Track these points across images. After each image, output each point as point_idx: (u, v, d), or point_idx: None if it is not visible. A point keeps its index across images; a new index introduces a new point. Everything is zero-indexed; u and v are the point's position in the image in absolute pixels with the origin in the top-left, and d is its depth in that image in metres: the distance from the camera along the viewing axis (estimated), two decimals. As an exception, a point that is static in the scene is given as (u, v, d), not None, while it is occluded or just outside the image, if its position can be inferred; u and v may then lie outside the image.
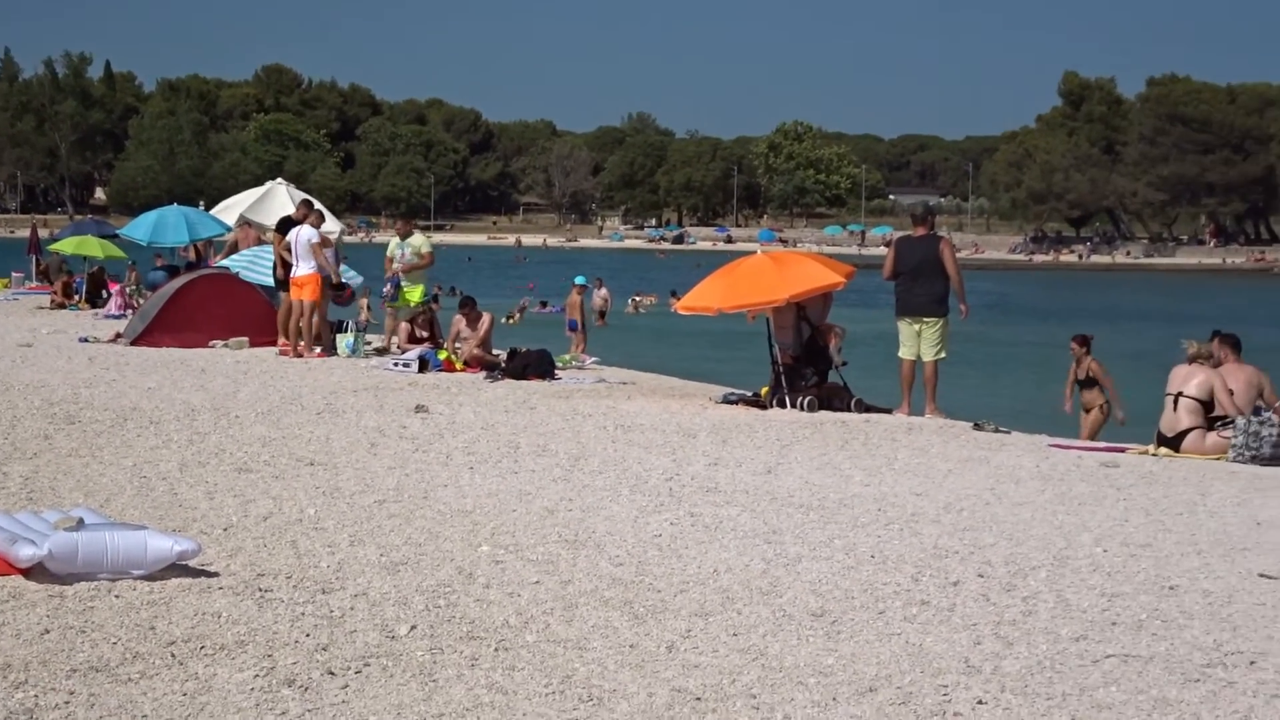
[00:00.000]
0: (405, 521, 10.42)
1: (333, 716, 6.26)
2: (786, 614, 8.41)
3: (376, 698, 6.55)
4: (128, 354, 23.22)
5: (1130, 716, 6.77)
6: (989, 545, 10.31)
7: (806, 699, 6.78)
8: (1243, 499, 12.56)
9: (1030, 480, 13.51)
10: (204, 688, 6.50)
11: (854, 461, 14.31)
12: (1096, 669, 7.47)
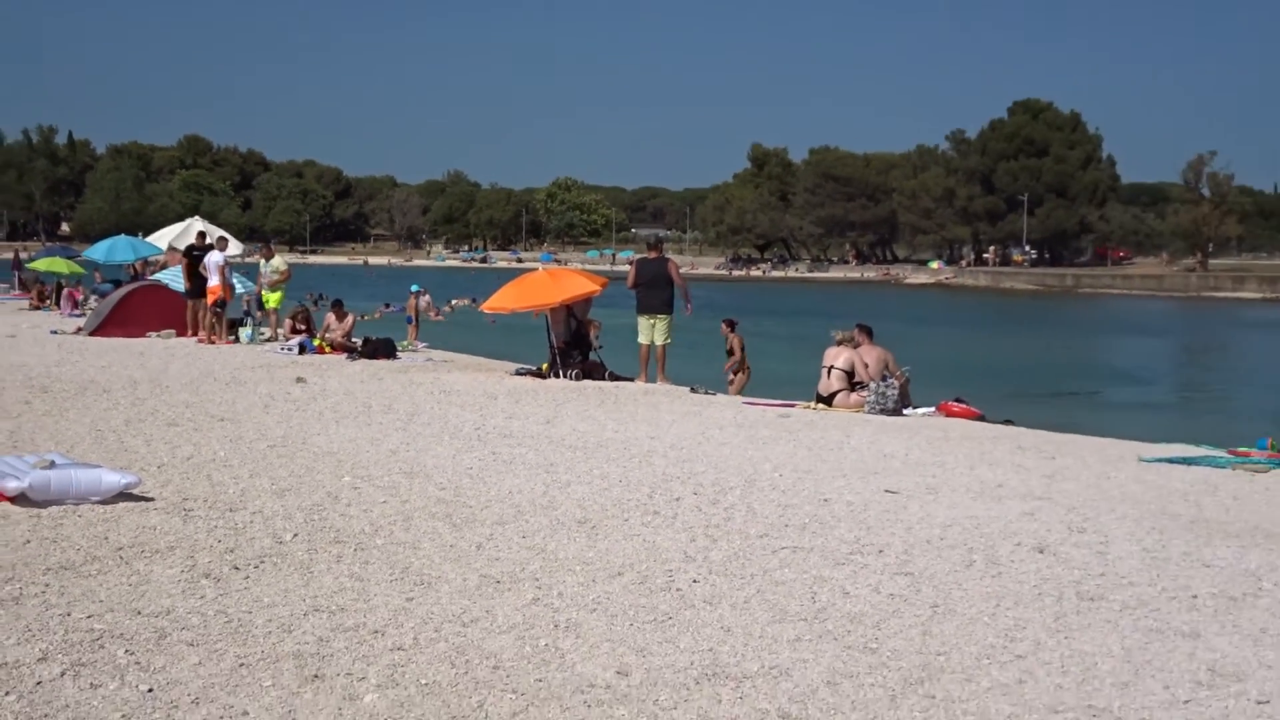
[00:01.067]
0: (289, 460, 10.77)
1: (237, 600, 6.80)
2: (560, 522, 9.12)
3: (270, 585, 7.15)
4: (87, 343, 24.29)
5: (798, 589, 7.44)
6: (700, 473, 10.82)
7: (574, 580, 7.45)
8: (874, 439, 13.46)
9: (729, 427, 14.18)
10: (144, 580, 7.14)
11: (607, 415, 14.89)
12: (775, 557, 8.17)
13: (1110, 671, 5.94)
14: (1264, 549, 8.77)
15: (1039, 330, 66.10)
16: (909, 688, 5.66)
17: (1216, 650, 6.32)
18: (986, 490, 10.84)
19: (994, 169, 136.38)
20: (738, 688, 5.58)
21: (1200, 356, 55.07)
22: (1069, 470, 12.24)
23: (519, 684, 5.54)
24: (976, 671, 5.90)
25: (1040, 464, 12.66)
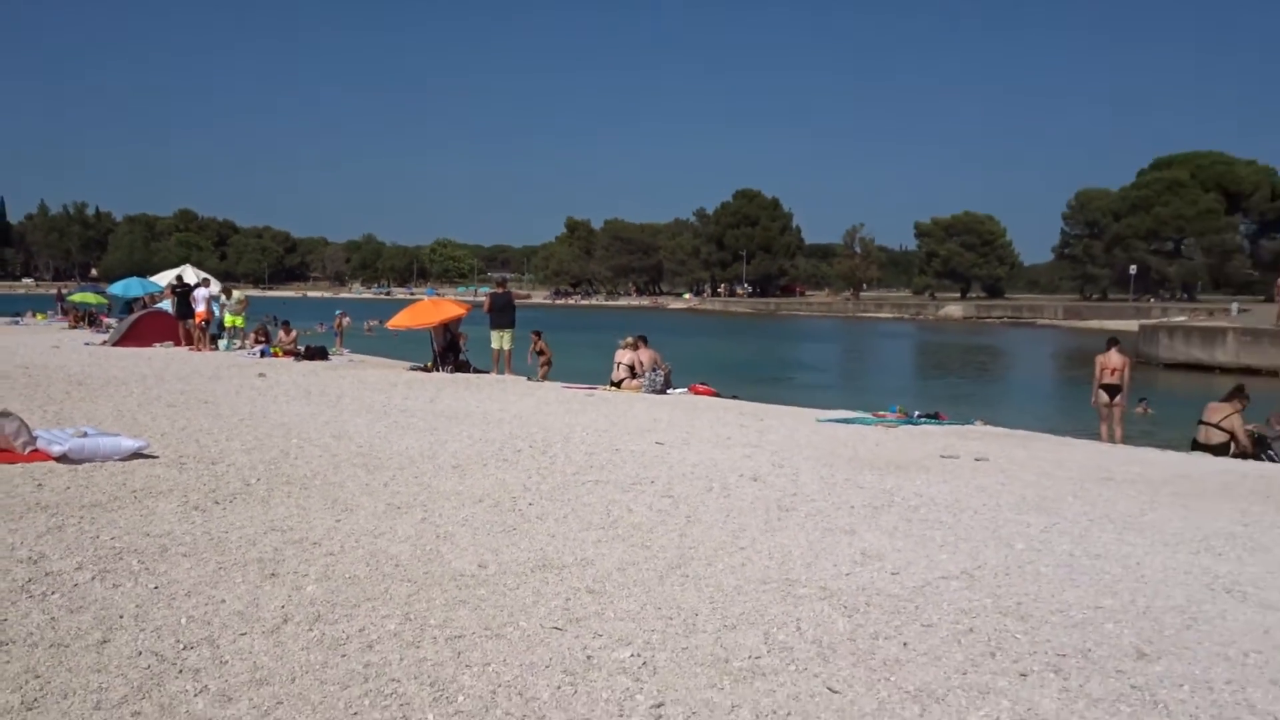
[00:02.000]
0: (254, 429, 10.59)
1: (217, 524, 6.65)
2: (440, 467, 9.08)
3: (240, 514, 7.04)
4: (110, 352, 23.83)
5: (598, 508, 7.49)
6: (534, 433, 11.20)
7: (449, 506, 7.40)
8: (648, 410, 13.85)
9: (553, 403, 14.36)
10: (151, 512, 6.96)
11: (472, 396, 14.92)
12: (583, 487, 8.41)
13: (800, 556, 6.09)
14: (895, 476, 9.04)
15: (753, 338, 67.37)
16: (671, 570, 5.72)
17: (866, 541, 6.50)
18: (720, 441, 10.98)
19: (724, 234, 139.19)
20: (559, 574, 5.59)
21: (854, 354, 56.62)
22: (773, 428, 12.49)
23: (413, 575, 5.50)
24: (714, 558, 5.99)
25: (755, 424, 12.86)
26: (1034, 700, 4.04)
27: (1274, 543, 6.71)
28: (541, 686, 4.08)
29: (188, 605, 4.93)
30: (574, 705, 3.91)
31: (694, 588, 5.40)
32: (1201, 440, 13.03)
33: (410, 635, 4.61)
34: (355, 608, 4.96)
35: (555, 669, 4.26)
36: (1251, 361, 36.37)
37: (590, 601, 5.14)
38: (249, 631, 4.62)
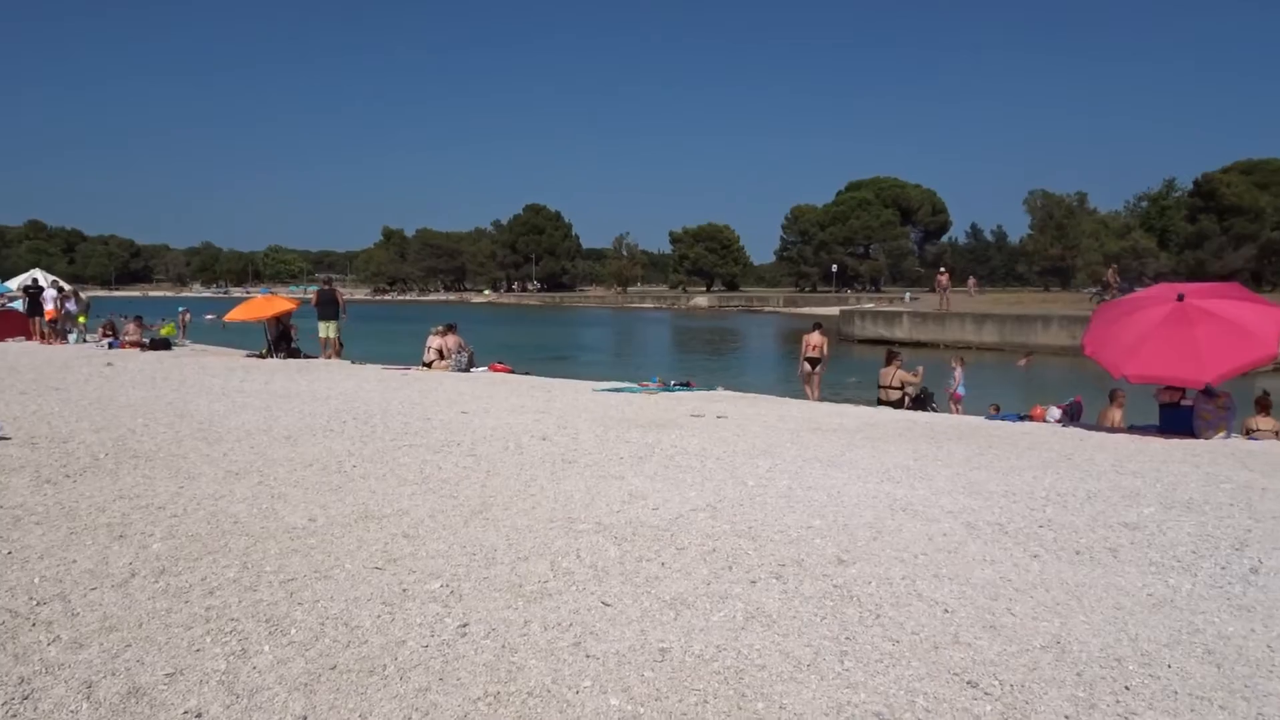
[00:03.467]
0: (102, 411, 9.85)
1: (68, 495, 6.22)
2: (274, 438, 8.66)
3: (90, 485, 6.58)
4: None
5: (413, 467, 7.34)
6: (356, 407, 10.85)
7: (283, 470, 7.16)
8: (454, 385, 13.82)
9: (373, 381, 14.14)
10: (5, 487, 6.47)
11: (302, 378, 14.77)
12: (400, 451, 8.15)
13: (580, 499, 6.11)
14: (656, 432, 9.18)
15: (543, 325, 67.15)
16: (474, 515, 5.65)
17: (633, 484, 6.58)
18: (515, 409, 10.88)
19: (516, 240, 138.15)
20: (379, 523, 5.43)
21: (624, 337, 57.28)
22: (558, 397, 12.48)
23: (250, 530, 5.22)
24: (510, 504, 5.94)
25: (544, 394, 12.79)
26: (761, 600, 4.21)
27: (935, 473, 7.21)
28: (364, 616, 3.95)
29: (40, 567, 4.52)
30: (392, 630, 3.81)
31: (493, 529, 5.35)
32: (883, 398, 13.88)
33: (248, 581, 4.38)
34: (197, 560, 4.67)
35: (376, 601, 4.13)
36: (921, 337, 39.00)
37: (406, 544, 5.01)
38: (99, 586, 4.28)
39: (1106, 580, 4.55)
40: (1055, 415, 11.09)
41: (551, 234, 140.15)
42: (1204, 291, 9.81)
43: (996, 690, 3.33)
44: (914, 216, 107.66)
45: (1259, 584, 4.50)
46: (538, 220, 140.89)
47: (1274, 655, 3.65)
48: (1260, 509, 6.02)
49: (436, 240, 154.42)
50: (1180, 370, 9.08)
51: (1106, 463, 7.68)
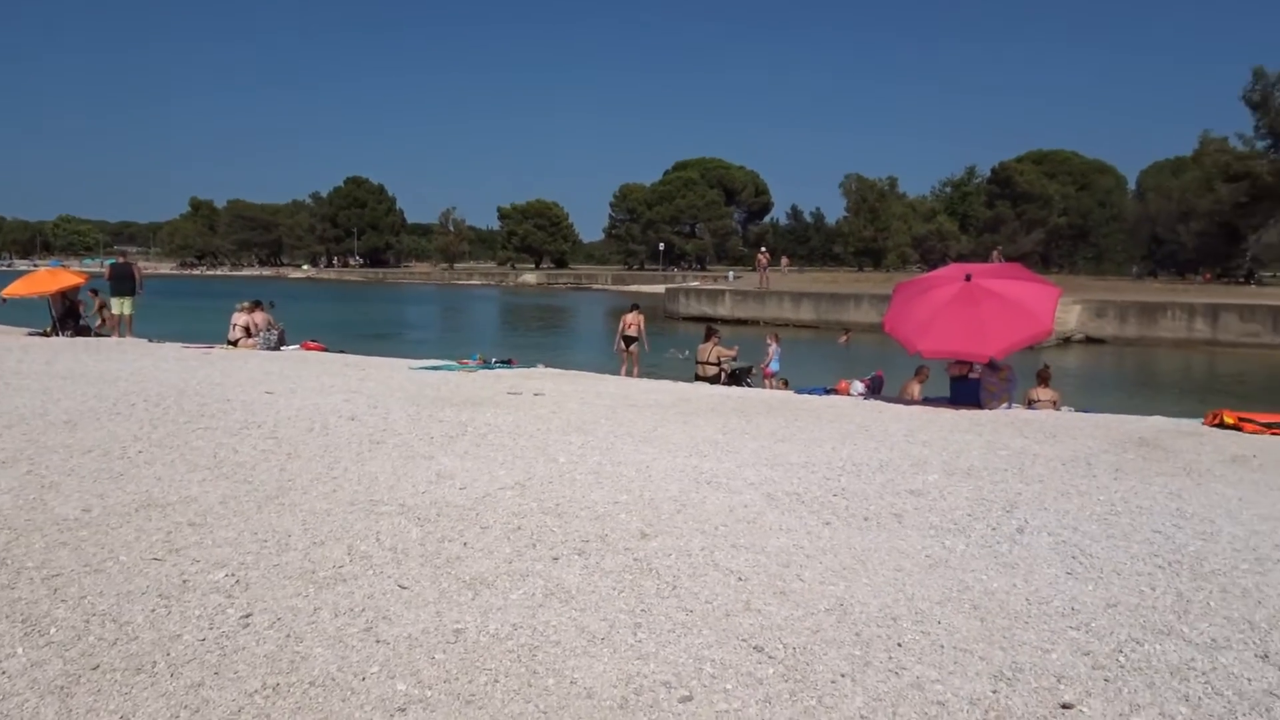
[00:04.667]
0: None
1: None
2: (50, 423, 7.90)
3: None
4: None
5: (206, 451, 6.88)
6: (150, 387, 9.98)
7: (56, 458, 6.52)
8: (261, 364, 13.10)
9: (172, 361, 13.29)
10: None
11: (90, 357, 13.59)
12: (194, 433, 7.70)
13: (385, 480, 5.94)
14: (470, 411, 9.02)
15: (366, 302, 65.12)
16: (269, 500, 5.39)
17: (442, 464, 6.46)
18: (324, 389, 10.44)
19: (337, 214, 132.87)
20: (162, 511, 5.09)
21: (451, 314, 56.33)
22: (372, 376, 12.06)
23: (13, 523, 4.78)
24: (310, 487, 5.71)
25: (357, 373, 12.34)
26: (561, 577, 4.22)
27: (742, 446, 7.43)
28: (136, 611, 3.70)
29: None
30: (166, 624, 3.59)
31: (289, 513, 5.13)
32: (700, 374, 14.22)
33: (5, 579, 4.02)
34: (-53, 559, 4.26)
35: (151, 595, 3.88)
36: (742, 315, 40.21)
37: (191, 533, 4.73)
38: None
39: (890, 544, 4.81)
40: (859, 389, 11.66)
41: (375, 208, 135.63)
42: (989, 272, 10.54)
43: (780, 653, 3.47)
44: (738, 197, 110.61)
45: (1024, 542, 4.87)
46: (360, 193, 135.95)
47: (1031, 608, 3.96)
48: (1030, 473, 6.52)
49: (250, 212, 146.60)
50: (967, 345, 9.72)
51: (900, 433, 8.14)
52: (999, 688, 3.21)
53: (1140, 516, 5.39)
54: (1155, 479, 6.39)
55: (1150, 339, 32.22)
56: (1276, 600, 4.05)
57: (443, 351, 19.31)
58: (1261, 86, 49.64)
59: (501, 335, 38.48)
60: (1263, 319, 30.72)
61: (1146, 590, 4.17)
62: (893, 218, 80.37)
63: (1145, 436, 8.08)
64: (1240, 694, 3.17)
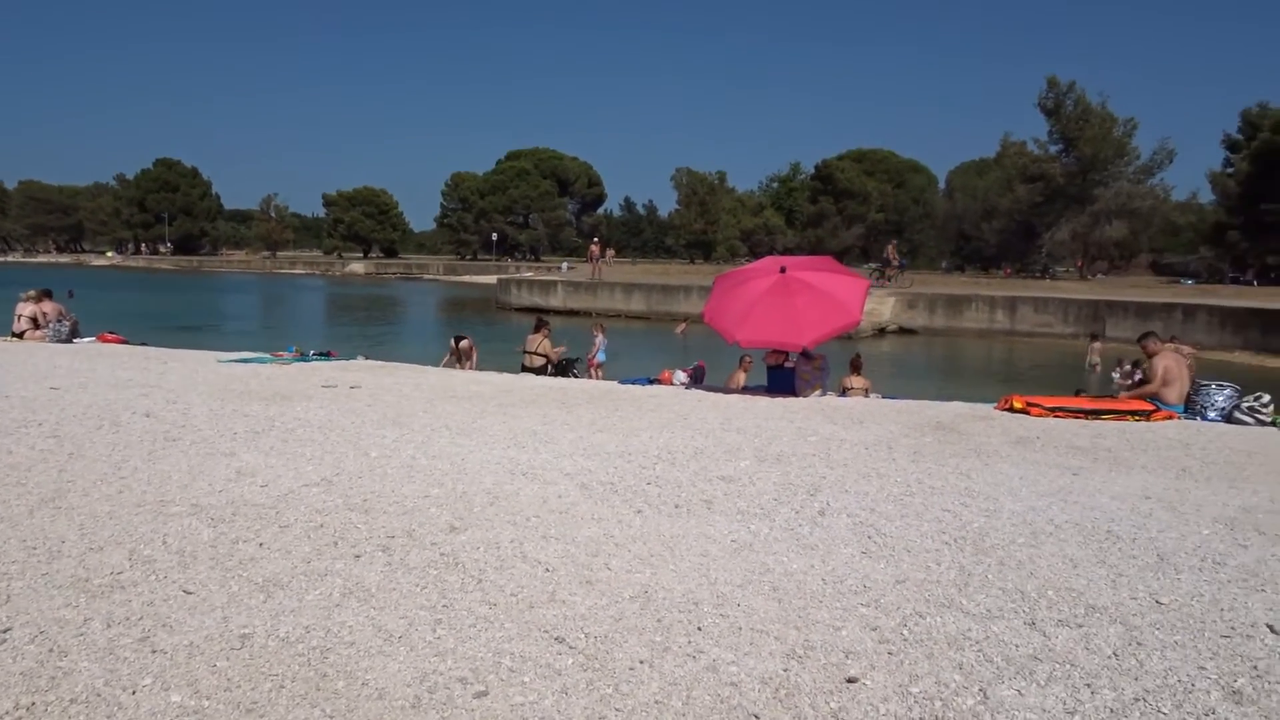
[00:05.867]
0: None
1: None
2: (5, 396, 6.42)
3: None
4: None
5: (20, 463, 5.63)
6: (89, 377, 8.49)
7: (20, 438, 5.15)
8: (49, 357, 11.77)
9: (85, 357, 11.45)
10: None
11: None
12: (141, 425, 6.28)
13: (178, 479, 5.58)
14: (279, 405, 8.61)
15: (178, 291, 61.32)
16: (43, 504, 4.97)
17: (243, 461, 6.13)
18: (119, 383, 9.69)
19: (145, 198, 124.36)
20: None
21: (272, 304, 53.89)
22: (176, 370, 11.27)
23: None
24: (92, 489, 5.29)
25: (159, 367, 11.51)
26: (362, 575, 4.08)
27: (561, 437, 7.40)
28: None
29: None
30: (-96, 646, 3.25)
31: (65, 518, 4.75)
32: (527, 365, 14.13)
33: None
34: None
35: (-111, 614, 3.51)
36: (574, 305, 40.27)
37: (-55, 543, 4.31)
38: None
39: (699, 530, 4.91)
40: (682, 378, 11.86)
41: (187, 192, 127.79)
42: (802, 265, 10.93)
43: (581, 643, 3.46)
44: (571, 188, 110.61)
45: (824, 524, 5.07)
46: (170, 176, 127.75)
47: (826, 587, 4.12)
48: (835, 458, 6.80)
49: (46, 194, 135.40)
50: (782, 335, 10.06)
51: (716, 421, 8.33)
52: (790, 666, 3.32)
53: (932, 496, 5.71)
54: (949, 460, 6.79)
55: (956, 329, 34.31)
56: (1046, 571, 4.36)
57: (260, 344, 18.40)
58: (1054, 94, 53.59)
59: (324, 326, 37.11)
60: (1055, 311, 33.26)
61: (933, 566, 4.41)
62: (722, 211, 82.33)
63: (943, 421, 8.58)
64: (1008, 659, 3.40)
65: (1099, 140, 51.42)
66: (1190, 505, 5.60)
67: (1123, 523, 5.17)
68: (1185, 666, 3.34)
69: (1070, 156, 53.48)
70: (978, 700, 3.08)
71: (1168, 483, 6.20)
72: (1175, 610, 3.88)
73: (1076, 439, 7.77)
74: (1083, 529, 5.03)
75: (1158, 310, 30.35)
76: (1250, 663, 3.38)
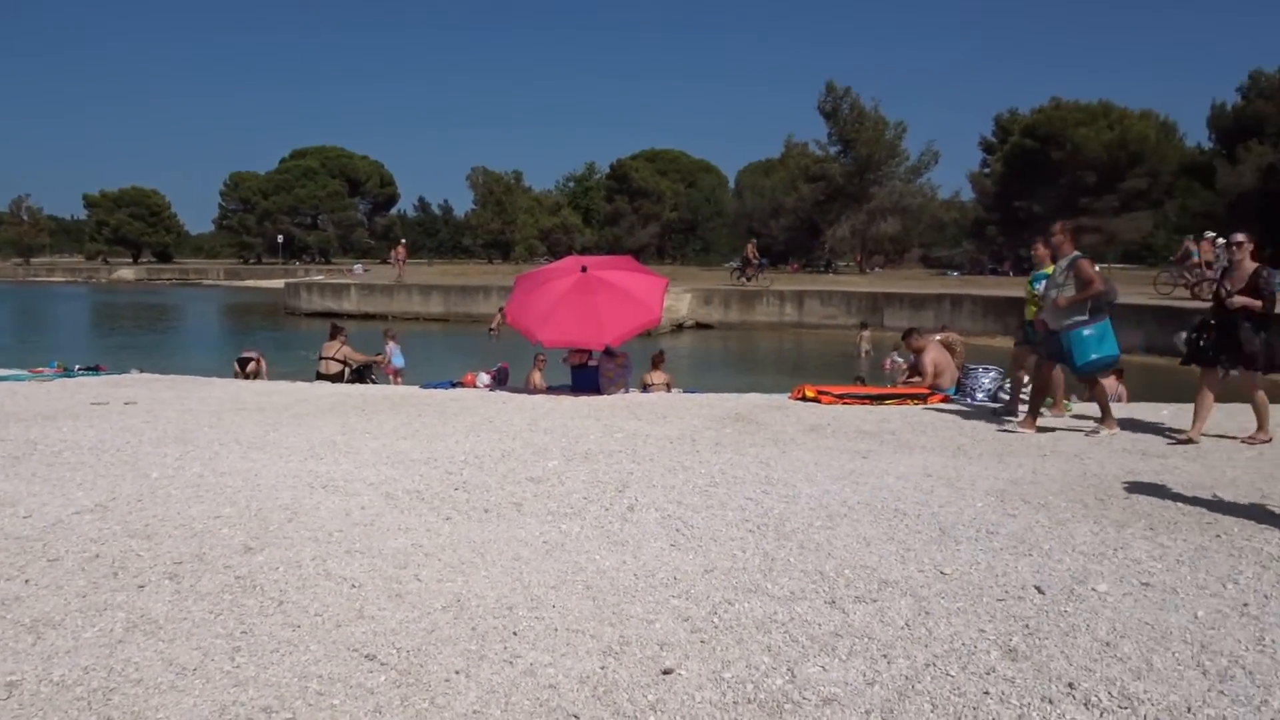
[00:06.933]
0: None
1: None
2: None
3: None
4: None
5: None
6: None
7: None
8: None
9: None
10: None
11: None
12: None
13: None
14: (41, 426, 7.86)
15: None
16: None
17: (2, 490, 5.60)
18: None
19: None
20: None
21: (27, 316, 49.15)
22: (-86, 392, 10.16)
23: None
24: None
25: (-108, 389, 10.35)
26: (147, 606, 3.79)
27: (362, 446, 7.15)
28: None
29: None
30: None
31: None
32: (323, 371, 13.58)
33: None
34: None
35: None
36: (370, 309, 39.01)
37: None
38: None
39: (509, 533, 4.87)
40: (485, 380, 11.74)
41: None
42: (603, 264, 11.07)
43: (394, 659, 3.36)
44: (363, 188, 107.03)
45: (633, 520, 5.15)
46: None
47: (638, 582, 4.19)
48: (642, 454, 6.92)
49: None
50: (585, 334, 10.15)
51: (523, 422, 8.29)
52: (607, 663, 3.35)
53: (735, 486, 5.92)
54: (749, 450, 7.06)
55: (750, 323, 35.70)
56: (843, 551, 4.61)
57: (16, 360, 16.74)
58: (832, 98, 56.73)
59: (91, 339, 34.20)
60: (838, 303, 35.23)
61: (738, 553, 4.57)
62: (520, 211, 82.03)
63: (741, 412, 8.91)
64: (812, 638, 3.57)
65: (873, 142, 54.80)
66: (966, 480, 6.07)
67: (908, 500, 5.55)
68: (968, 631, 3.62)
69: (848, 157, 56.70)
70: (786, 680, 3.22)
71: (945, 461, 6.70)
72: (957, 579, 4.20)
73: (864, 424, 8.27)
74: (873, 508, 5.36)
75: (929, 300, 32.76)
76: (1023, 622, 3.71)
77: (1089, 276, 7.46)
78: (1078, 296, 7.50)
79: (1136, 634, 3.58)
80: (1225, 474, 6.31)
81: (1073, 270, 7.57)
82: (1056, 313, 7.65)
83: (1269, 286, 7.04)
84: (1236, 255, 7.26)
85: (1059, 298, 7.61)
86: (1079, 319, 7.53)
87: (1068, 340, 7.57)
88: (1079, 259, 7.58)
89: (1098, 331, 7.53)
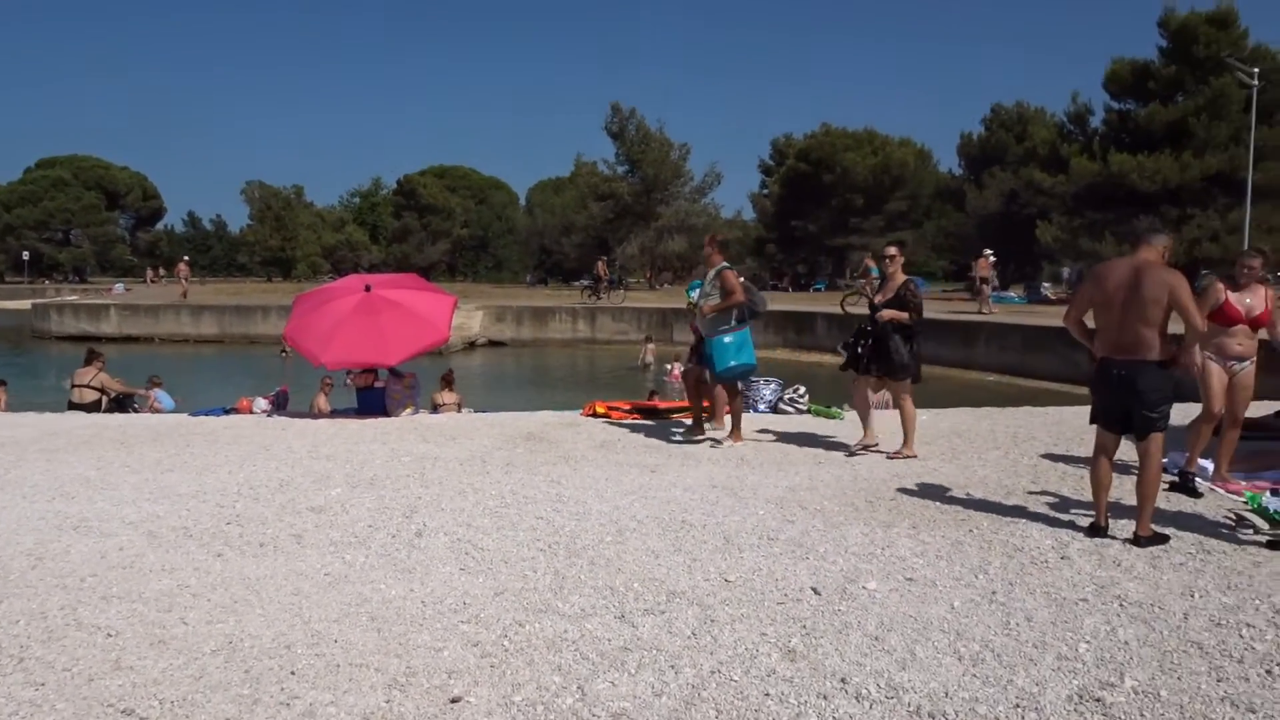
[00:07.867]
0: None
1: None
2: None
3: None
4: None
5: None
6: None
7: None
8: None
9: None
10: None
11: None
12: None
13: None
14: None
15: None
16: None
17: None
18: None
19: None
20: None
21: None
22: None
23: None
24: None
25: None
26: None
27: (121, 481, 6.60)
28: None
29: None
30: None
31: None
32: (76, 400, 12.43)
33: None
34: None
35: None
36: (132, 331, 36.11)
37: None
38: None
39: (288, 568, 4.63)
40: (263, 405, 11.13)
41: None
42: (388, 282, 10.76)
43: (155, 711, 3.11)
44: (123, 201, 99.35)
45: (421, 546, 5.02)
46: None
47: (426, 609, 4.08)
48: (430, 477, 6.77)
49: None
50: (370, 355, 9.82)
51: (303, 449, 7.91)
52: (392, 696, 3.24)
53: (526, 505, 5.89)
54: (540, 469, 7.05)
55: (543, 340, 35.74)
56: (633, 565, 4.68)
57: None
58: (618, 120, 57.94)
59: None
60: (629, 319, 35.87)
61: (529, 574, 4.55)
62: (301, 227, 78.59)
63: (533, 431, 8.88)
64: (602, 654, 3.59)
65: (659, 163, 56.39)
66: (749, 489, 6.32)
67: (695, 511, 5.71)
68: (750, 636, 3.76)
69: (636, 177, 58.05)
70: (576, 698, 3.23)
71: (729, 471, 6.95)
72: (740, 586, 4.35)
73: (653, 439, 8.45)
74: (661, 521, 5.48)
75: (715, 316, 33.94)
76: (800, 623, 3.89)
77: (731, 287, 7.99)
78: (719, 305, 8.01)
79: (902, 627, 3.84)
80: (977, 473, 6.89)
81: (719, 280, 8.10)
82: (704, 320, 8.18)
83: (916, 298, 7.63)
84: (889, 268, 7.74)
85: (705, 305, 8.14)
86: (723, 327, 8.04)
87: (709, 347, 8.09)
88: (724, 269, 8.11)
89: (738, 340, 8.04)
